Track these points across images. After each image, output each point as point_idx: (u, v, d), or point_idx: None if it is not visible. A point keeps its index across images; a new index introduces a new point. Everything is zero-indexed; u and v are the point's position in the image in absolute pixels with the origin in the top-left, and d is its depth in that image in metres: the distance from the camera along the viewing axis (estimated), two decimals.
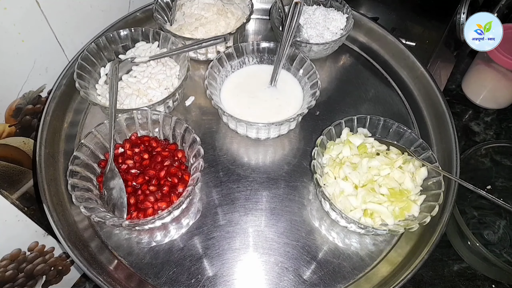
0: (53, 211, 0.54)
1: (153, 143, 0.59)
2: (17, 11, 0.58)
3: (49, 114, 0.63)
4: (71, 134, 0.66)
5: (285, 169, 0.63)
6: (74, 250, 0.51)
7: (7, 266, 0.65)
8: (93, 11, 0.72)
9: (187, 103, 0.70)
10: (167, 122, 0.59)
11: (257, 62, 0.71)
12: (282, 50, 0.66)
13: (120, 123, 0.59)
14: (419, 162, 0.56)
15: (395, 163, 0.56)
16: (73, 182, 0.51)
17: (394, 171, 0.55)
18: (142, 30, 0.71)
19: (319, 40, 0.74)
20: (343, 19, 0.77)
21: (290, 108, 0.65)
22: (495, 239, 0.74)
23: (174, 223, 0.56)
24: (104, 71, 0.69)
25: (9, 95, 0.63)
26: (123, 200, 0.53)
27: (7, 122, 0.64)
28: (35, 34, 0.63)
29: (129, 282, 0.51)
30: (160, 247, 0.54)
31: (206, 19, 0.73)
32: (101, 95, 0.66)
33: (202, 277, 0.52)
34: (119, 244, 0.55)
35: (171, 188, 0.54)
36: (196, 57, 0.75)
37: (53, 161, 0.60)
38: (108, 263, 0.53)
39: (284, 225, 0.57)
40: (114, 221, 0.49)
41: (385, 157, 0.57)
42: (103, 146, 0.58)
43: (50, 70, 0.68)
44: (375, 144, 0.59)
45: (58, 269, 0.76)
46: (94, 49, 0.67)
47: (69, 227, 0.54)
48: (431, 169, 0.55)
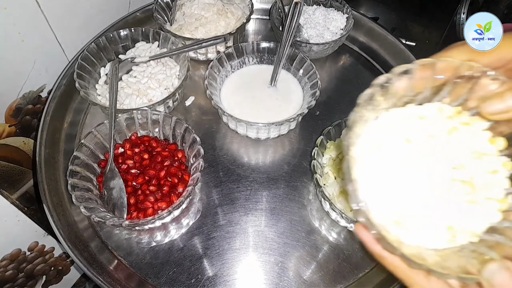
0: (53, 211, 0.54)
1: (153, 143, 0.59)
2: (17, 11, 0.58)
3: (49, 114, 0.63)
4: (71, 134, 0.66)
5: (285, 169, 0.63)
6: (74, 250, 0.51)
7: (7, 266, 0.65)
8: (93, 11, 0.72)
9: (187, 103, 0.70)
10: (167, 122, 0.59)
11: (257, 62, 0.71)
12: (282, 50, 0.66)
13: (120, 123, 0.59)
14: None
15: None
16: (73, 182, 0.51)
17: None
18: (142, 30, 0.71)
19: (319, 40, 0.74)
20: (343, 19, 0.77)
21: (290, 108, 0.65)
22: None
23: (174, 223, 0.56)
24: (104, 71, 0.69)
25: (9, 95, 0.63)
26: (123, 200, 0.53)
27: (7, 122, 0.64)
28: (35, 34, 0.63)
29: (129, 282, 0.51)
30: (160, 247, 0.54)
31: (206, 19, 0.73)
32: (101, 95, 0.66)
33: (202, 277, 0.52)
34: (119, 244, 0.55)
35: (171, 188, 0.54)
36: (196, 57, 0.75)
37: (53, 161, 0.60)
38: (108, 263, 0.53)
39: (284, 225, 0.57)
40: (114, 221, 0.49)
41: None
42: (103, 146, 0.58)
43: (50, 70, 0.68)
44: None
45: (58, 269, 0.76)
46: (94, 49, 0.67)
47: (69, 227, 0.54)
48: None
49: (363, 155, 0.31)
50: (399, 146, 0.32)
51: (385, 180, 0.31)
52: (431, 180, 0.31)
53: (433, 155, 0.32)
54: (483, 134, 0.32)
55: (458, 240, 0.30)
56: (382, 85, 0.31)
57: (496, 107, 0.29)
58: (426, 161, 0.32)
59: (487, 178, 0.31)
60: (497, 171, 0.31)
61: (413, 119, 0.33)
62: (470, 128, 0.32)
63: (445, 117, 0.33)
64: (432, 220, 0.30)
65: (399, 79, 0.31)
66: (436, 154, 0.32)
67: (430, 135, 0.32)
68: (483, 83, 0.30)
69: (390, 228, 0.30)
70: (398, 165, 0.31)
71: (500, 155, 0.32)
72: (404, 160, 0.32)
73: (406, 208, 0.31)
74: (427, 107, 0.34)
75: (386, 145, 0.32)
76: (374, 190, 0.31)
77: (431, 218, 0.30)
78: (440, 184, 0.31)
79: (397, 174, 0.31)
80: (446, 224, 0.30)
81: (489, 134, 0.32)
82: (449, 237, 0.30)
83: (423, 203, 0.31)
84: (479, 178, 0.31)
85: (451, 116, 0.33)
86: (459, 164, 0.31)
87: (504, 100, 0.29)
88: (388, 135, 0.32)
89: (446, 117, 0.33)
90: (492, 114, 0.30)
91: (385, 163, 0.32)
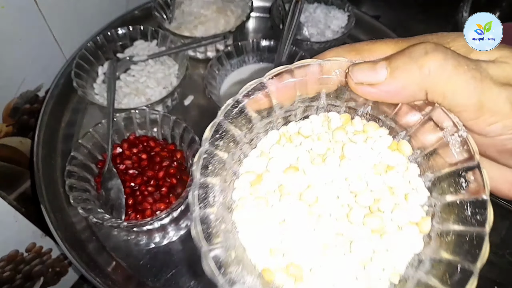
0: (51, 212, 0.54)
1: (152, 143, 0.58)
2: (15, 9, 0.57)
3: (47, 113, 0.62)
4: (68, 134, 0.65)
5: None
6: (71, 252, 0.51)
7: (4, 267, 0.65)
8: (91, 9, 0.72)
9: (186, 103, 0.69)
10: (165, 122, 0.59)
11: (257, 60, 0.70)
12: (283, 48, 0.65)
13: (118, 123, 0.58)
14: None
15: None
16: (71, 182, 0.50)
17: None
18: (140, 29, 0.70)
19: (320, 39, 0.74)
20: (344, 17, 0.76)
21: None
22: (497, 240, 0.73)
23: (173, 224, 0.56)
24: (102, 70, 0.68)
25: (7, 95, 0.62)
26: (121, 201, 0.52)
27: (4, 122, 0.63)
28: (33, 33, 0.62)
29: (127, 284, 0.51)
30: (158, 249, 0.54)
31: (205, 17, 0.73)
32: (99, 95, 0.65)
33: (201, 279, 0.51)
34: (117, 246, 0.54)
35: (170, 189, 0.54)
36: (195, 55, 0.74)
37: (50, 161, 0.60)
38: (106, 265, 0.52)
39: None
40: (112, 222, 0.49)
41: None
42: (101, 146, 0.57)
43: (48, 69, 0.67)
44: None
45: (56, 271, 0.76)
46: (92, 47, 0.66)
47: (67, 228, 0.54)
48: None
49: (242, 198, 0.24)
50: (280, 179, 0.25)
51: (266, 225, 0.24)
52: (323, 224, 0.23)
53: (324, 183, 0.24)
54: (383, 141, 0.25)
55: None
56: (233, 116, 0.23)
57: (365, 74, 0.22)
58: (317, 192, 0.24)
59: (397, 200, 0.24)
60: (411, 188, 0.24)
61: (296, 139, 0.26)
62: (364, 136, 0.25)
63: (333, 129, 0.26)
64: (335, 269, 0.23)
65: (252, 100, 0.23)
66: (328, 181, 0.24)
67: (319, 155, 0.25)
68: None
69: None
70: (280, 206, 0.24)
71: (409, 163, 0.25)
72: (287, 198, 0.24)
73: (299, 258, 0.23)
74: (310, 121, 0.27)
75: (266, 179, 0.25)
76: (255, 238, 0.24)
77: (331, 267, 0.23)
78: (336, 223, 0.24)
79: (279, 218, 0.24)
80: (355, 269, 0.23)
81: (390, 139, 0.25)
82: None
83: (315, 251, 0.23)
84: (387, 202, 0.23)
85: (341, 127, 0.26)
86: (358, 188, 0.24)
87: (376, 64, 0.22)
88: (267, 167, 0.25)
89: (335, 129, 0.26)
90: (358, 83, 0.23)
91: (265, 205, 0.24)
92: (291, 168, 0.25)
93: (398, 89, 0.22)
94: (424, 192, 0.24)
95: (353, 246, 0.23)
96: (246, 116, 0.24)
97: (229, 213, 0.24)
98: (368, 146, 0.25)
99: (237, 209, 0.24)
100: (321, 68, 0.24)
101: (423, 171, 0.25)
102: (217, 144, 0.23)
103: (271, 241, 0.24)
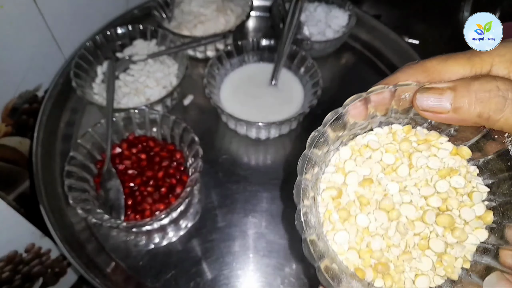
0: (50, 212, 0.53)
1: (151, 143, 0.58)
2: (14, 9, 0.57)
3: (46, 113, 0.62)
4: (67, 134, 0.65)
5: (286, 170, 0.62)
6: (71, 252, 0.50)
7: (3, 268, 0.64)
8: (90, 8, 0.71)
9: (185, 102, 0.69)
10: (165, 122, 0.58)
11: (257, 60, 0.70)
12: (283, 48, 0.65)
13: (117, 123, 0.58)
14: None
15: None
16: (70, 182, 0.50)
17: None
18: (139, 28, 0.70)
19: (321, 38, 0.73)
20: (345, 16, 0.76)
21: (291, 107, 0.64)
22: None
23: (172, 225, 0.55)
24: (101, 70, 0.68)
25: (5, 95, 0.62)
26: (120, 201, 0.52)
27: (3, 122, 0.63)
28: (32, 32, 0.62)
29: (126, 284, 0.51)
30: (158, 250, 0.53)
31: (205, 16, 0.72)
32: (98, 94, 0.65)
33: (201, 280, 0.51)
34: (117, 246, 0.54)
35: (169, 189, 0.53)
36: (195, 55, 0.74)
37: (49, 161, 0.60)
38: (106, 266, 0.52)
39: (285, 227, 0.56)
40: (111, 222, 0.48)
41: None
42: (100, 146, 0.57)
43: (47, 68, 0.67)
44: None
45: (55, 271, 0.75)
46: (91, 47, 0.66)
47: (66, 229, 0.53)
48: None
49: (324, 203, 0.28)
50: (359, 190, 0.28)
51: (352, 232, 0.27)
52: (402, 224, 0.27)
53: (398, 190, 0.28)
54: (445, 148, 0.28)
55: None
56: (335, 120, 0.28)
57: (430, 102, 0.25)
58: (393, 199, 0.27)
59: (462, 199, 0.27)
60: (473, 188, 0.27)
61: (366, 152, 0.29)
62: (427, 145, 0.28)
63: (399, 140, 0.29)
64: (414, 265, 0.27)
65: (354, 107, 0.28)
66: (402, 187, 0.28)
67: (388, 166, 0.28)
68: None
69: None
70: (362, 213, 0.27)
71: (469, 165, 0.28)
72: (367, 206, 0.27)
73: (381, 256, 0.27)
74: (376, 134, 0.30)
75: (345, 193, 0.28)
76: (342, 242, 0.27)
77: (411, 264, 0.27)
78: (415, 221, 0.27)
79: (363, 223, 0.27)
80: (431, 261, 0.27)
81: (451, 146, 0.28)
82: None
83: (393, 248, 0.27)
84: (454, 202, 0.27)
85: (406, 138, 0.29)
86: (428, 192, 0.27)
87: (442, 95, 0.24)
88: (345, 179, 0.28)
89: (400, 141, 0.29)
90: (424, 110, 0.25)
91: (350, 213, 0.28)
92: (367, 180, 0.28)
93: (460, 122, 0.25)
94: (484, 189, 0.27)
95: (430, 243, 0.27)
96: (326, 139, 0.28)
97: (321, 227, 0.28)
98: (432, 153, 0.28)
99: (326, 222, 0.28)
100: (393, 93, 0.27)
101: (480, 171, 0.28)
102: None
103: (359, 245, 0.27)
